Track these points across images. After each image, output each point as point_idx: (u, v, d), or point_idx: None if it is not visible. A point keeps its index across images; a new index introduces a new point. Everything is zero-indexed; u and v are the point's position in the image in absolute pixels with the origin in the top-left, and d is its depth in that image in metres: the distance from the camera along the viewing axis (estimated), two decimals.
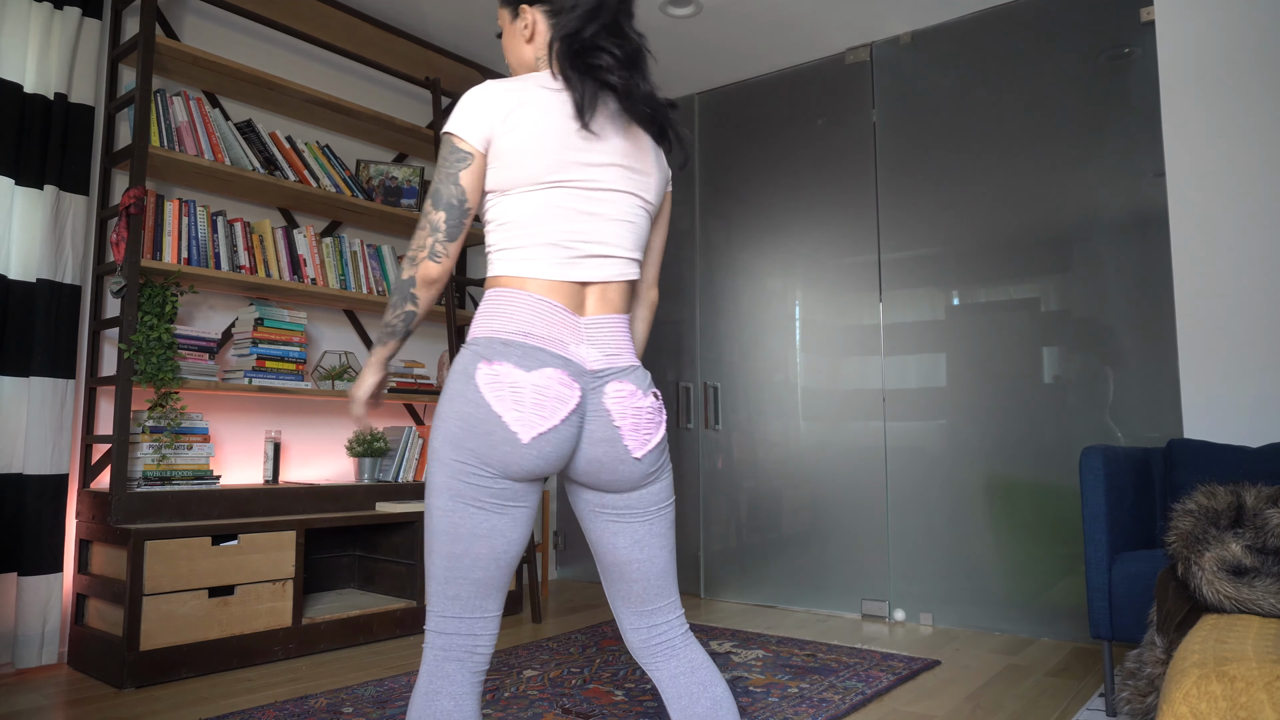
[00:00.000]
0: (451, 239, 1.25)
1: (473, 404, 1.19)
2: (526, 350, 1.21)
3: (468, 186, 1.25)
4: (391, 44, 3.67)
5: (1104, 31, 3.23)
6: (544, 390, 1.20)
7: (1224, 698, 1.11)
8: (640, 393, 1.29)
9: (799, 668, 2.69)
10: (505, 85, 1.27)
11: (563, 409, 1.21)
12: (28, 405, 2.68)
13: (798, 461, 3.87)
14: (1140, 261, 3.10)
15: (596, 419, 1.26)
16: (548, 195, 1.26)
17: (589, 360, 1.26)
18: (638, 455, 1.28)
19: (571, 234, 1.27)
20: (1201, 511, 1.87)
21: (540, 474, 1.23)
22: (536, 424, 1.19)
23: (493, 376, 1.19)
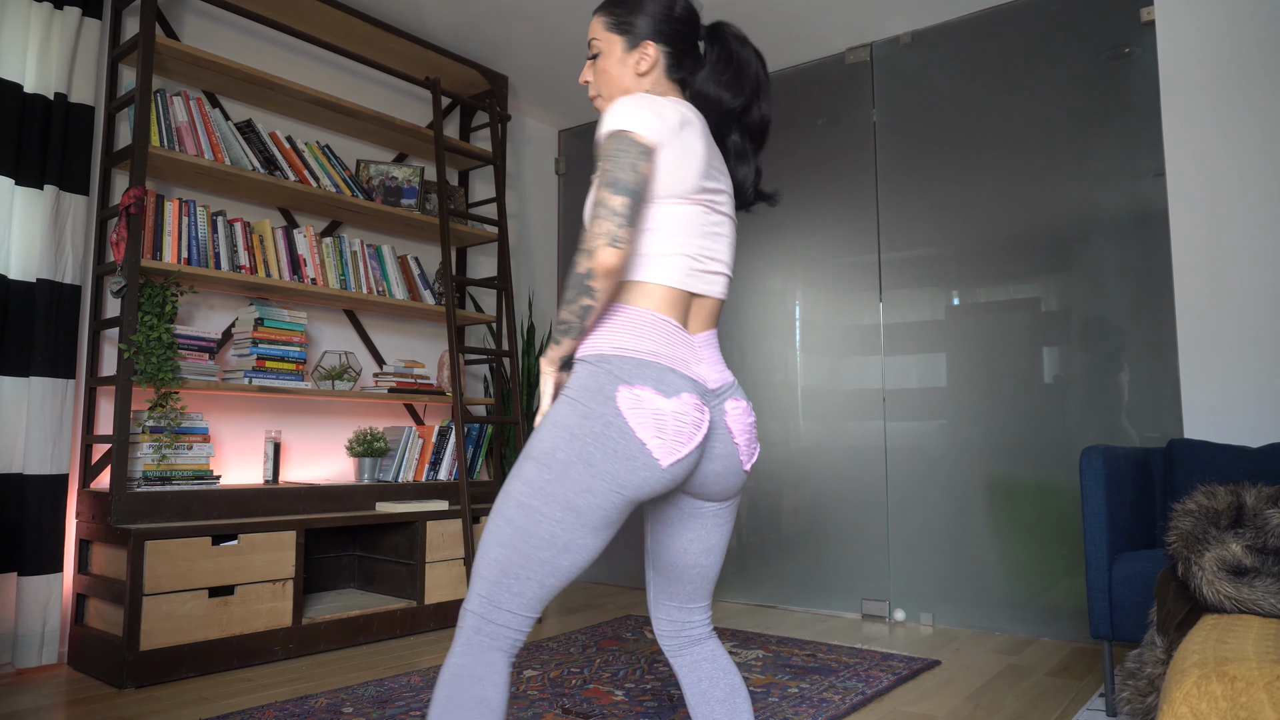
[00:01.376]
0: (632, 224, 1.22)
1: (615, 428, 1.20)
2: (661, 372, 1.24)
3: (647, 177, 1.24)
4: (391, 44, 3.67)
5: (1104, 31, 3.23)
6: (683, 417, 1.23)
7: (1224, 698, 1.11)
8: (749, 408, 1.37)
9: (799, 668, 2.69)
10: (670, 101, 1.30)
11: (698, 435, 1.25)
12: (28, 405, 2.68)
13: (798, 461, 3.87)
14: (1140, 261, 3.10)
15: (719, 436, 1.32)
16: (690, 210, 1.32)
17: (709, 379, 1.32)
18: (747, 468, 1.37)
19: (701, 248, 1.34)
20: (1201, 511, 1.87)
21: (664, 493, 1.30)
22: (677, 450, 1.23)
23: (635, 401, 1.21)
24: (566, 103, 4.60)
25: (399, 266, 3.73)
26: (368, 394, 3.39)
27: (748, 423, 1.36)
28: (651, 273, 1.29)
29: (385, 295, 3.57)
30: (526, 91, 4.44)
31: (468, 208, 4.16)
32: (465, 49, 3.95)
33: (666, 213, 1.30)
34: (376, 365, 3.79)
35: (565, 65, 4.11)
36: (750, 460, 1.38)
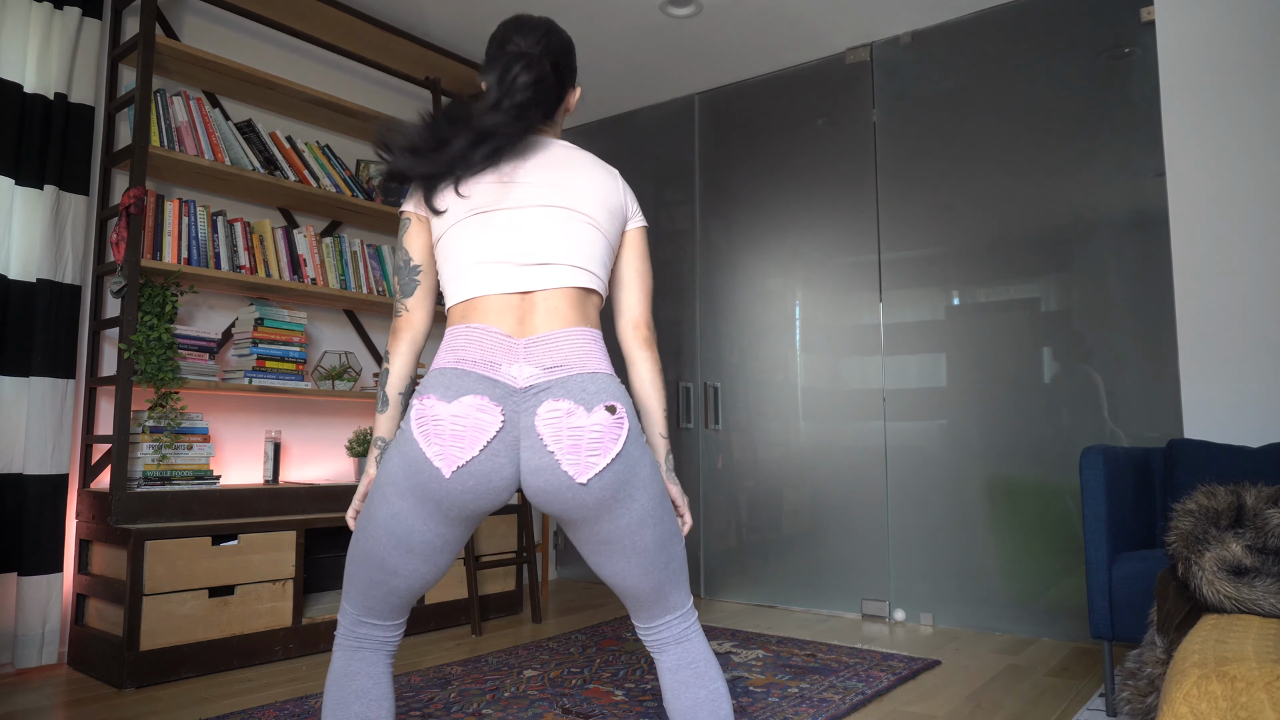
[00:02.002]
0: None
1: (407, 441, 1.23)
2: (454, 376, 1.23)
3: (409, 245, 1.39)
4: (391, 44, 3.67)
5: (1104, 31, 3.23)
6: (461, 419, 1.19)
7: (1224, 698, 1.11)
8: (582, 409, 1.20)
9: (799, 668, 2.69)
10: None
11: (481, 437, 1.19)
12: (28, 405, 2.68)
13: (798, 461, 3.87)
14: (1140, 261, 3.10)
15: (531, 445, 1.21)
16: (469, 225, 1.33)
17: (519, 379, 1.22)
18: (581, 481, 1.20)
19: (506, 253, 1.30)
20: (1201, 511, 1.87)
21: (474, 509, 1.23)
22: (455, 457, 1.19)
23: (421, 411, 1.22)
24: None
25: None
26: (368, 394, 3.39)
27: (569, 425, 1.19)
28: (453, 293, 1.33)
29: (385, 295, 3.57)
30: None
31: None
32: (465, 49, 3.95)
33: (454, 237, 1.34)
34: (376, 365, 3.79)
35: None
36: (587, 472, 1.19)
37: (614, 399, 1.24)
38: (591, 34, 3.79)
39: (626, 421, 1.23)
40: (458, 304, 1.32)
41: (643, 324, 1.45)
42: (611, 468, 1.21)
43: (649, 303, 1.47)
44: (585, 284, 1.33)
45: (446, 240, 1.35)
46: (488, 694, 2.39)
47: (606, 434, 1.21)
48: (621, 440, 1.22)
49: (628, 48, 3.91)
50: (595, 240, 1.36)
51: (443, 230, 1.35)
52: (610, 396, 1.24)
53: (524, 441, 1.21)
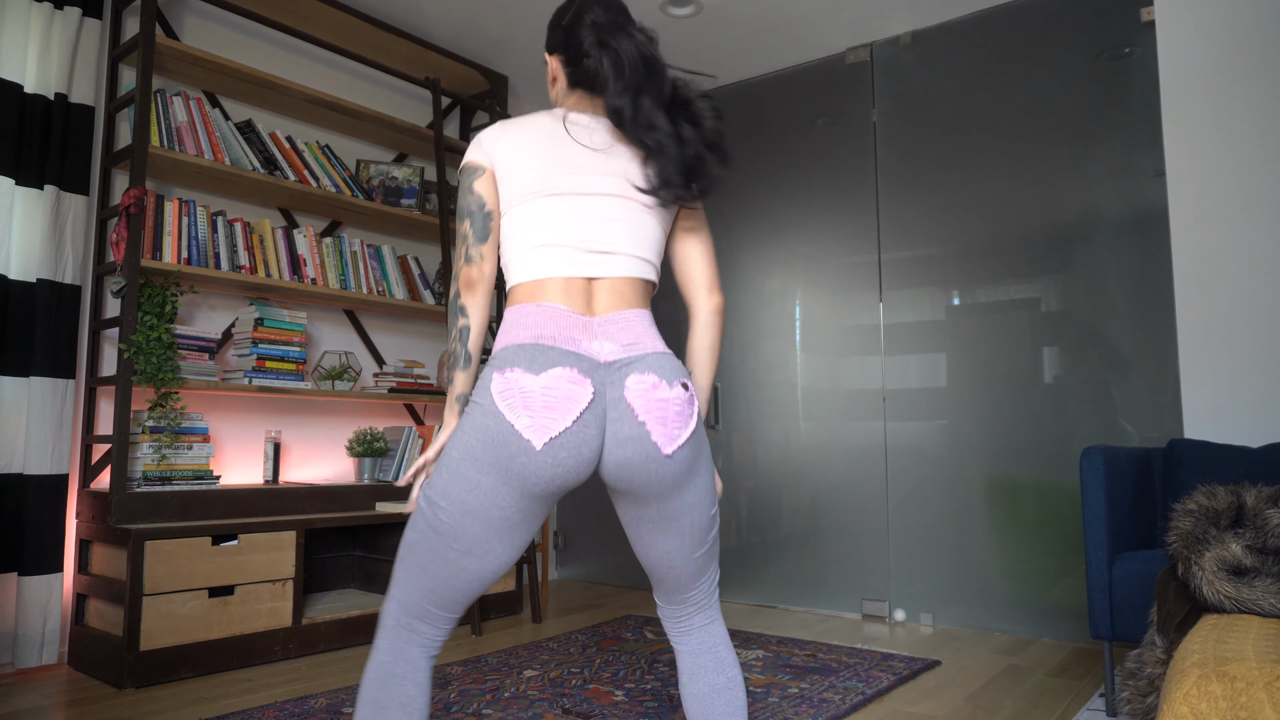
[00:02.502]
0: (482, 240, 1.34)
1: (490, 414, 1.20)
2: (537, 350, 1.22)
3: (484, 195, 1.35)
4: (391, 44, 3.67)
5: (1104, 31, 3.23)
6: (553, 391, 1.18)
7: (1224, 698, 1.11)
8: (665, 383, 1.24)
9: (799, 668, 2.69)
10: (517, 121, 1.38)
11: (574, 408, 1.18)
12: (28, 405, 2.68)
13: (798, 461, 3.87)
14: (1140, 261, 3.10)
15: (620, 417, 1.22)
16: (545, 204, 1.32)
17: (603, 353, 1.24)
18: (668, 452, 1.23)
19: (576, 238, 1.31)
20: (1202, 511, 1.87)
21: (559, 485, 1.21)
22: (549, 427, 1.17)
23: (505, 384, 1.19)
24: None
25: (399, 266, 3.73)
26: (368, 394, 3.39)
27: (660, 399, 1.23)
28: (516, 272, 1.32)
29: (385, 295, 3.57)
30: (526, 91, 4.44)
31: None
32: (465, 49, 3.95)
33: (520, 216, 1.33)
34: (376, 365, 3.79)
35: None
36: (673, 443, 1.24)
37: (683, 376, 1.29)
38: None
39: (696, 401, 1.29)
40: (523, 283, 1.31)
41: (715, 288, 1.48)
42: (690, 441, 1.26)
43: (715, 264, 1.50)
44: (645, 274, 1.37)
45: (513, 215, 1.34)
46: (488, 694, 2.39)
47: (685, 408, 1.26)
48: (695, 416, 1.28)
49: None
50: (654, 229, 1.39)
51: (510, 202, 1.34)
52: (681, 375, 1.29)
53: (612, 413, 1.22)
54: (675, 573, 1.36)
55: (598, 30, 1.36)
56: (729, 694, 1.37)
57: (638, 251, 1.35)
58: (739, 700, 1.38)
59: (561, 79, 1.45)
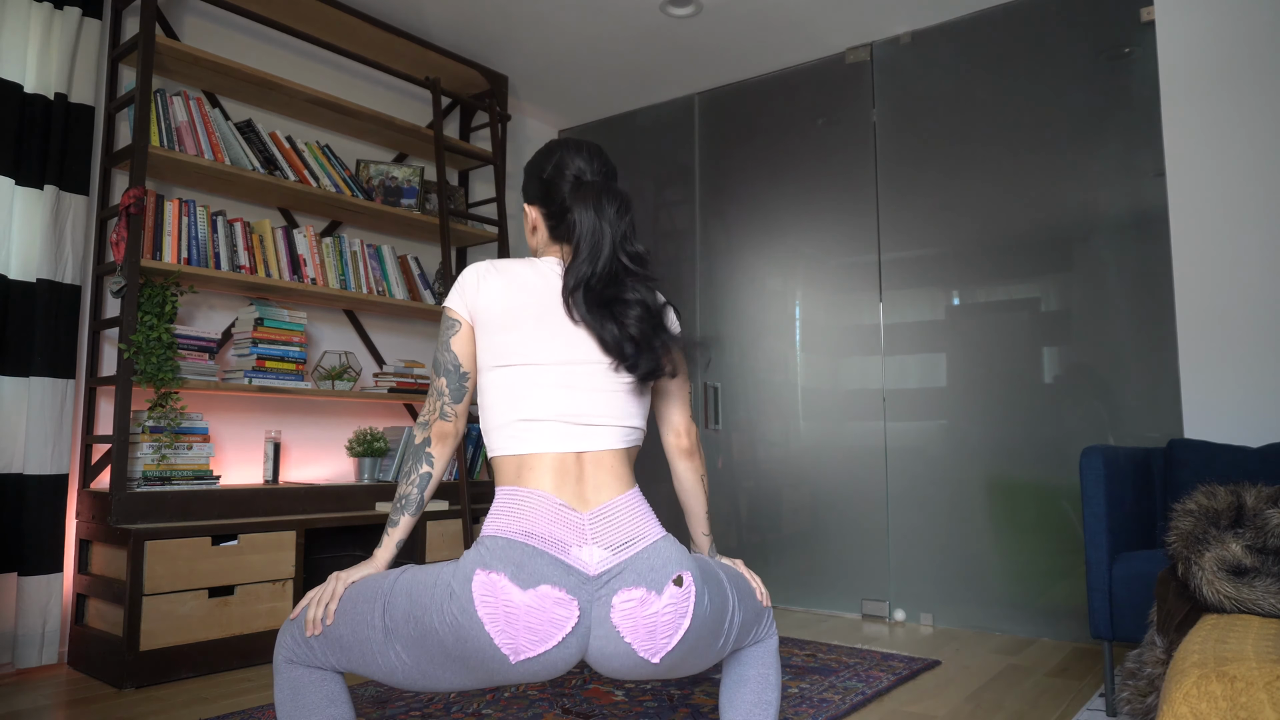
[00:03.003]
0: (457, 400, 1.34)
1: (465, 615, 1.14)
2: (524, 555, 1.16)
3: (460, 352, 1.34)
4: (391, 44, 3.67)
5: (1104, 31, 3.23)
6: (537, 614, 1.14)
7: (1224, 698, 1.11)
8: (654, 595, 1.18)
9: (799, 668, 2.69)
10: (502, 265, 1.36)
11: (558, 634, 1.14)
12: (28, 405, 2.68)
13: (798, 461, 3.87)
14: (1140, 261, 3.10)
15: (605, 635, 1.18)
16: (528, 372, 1.28)
17: (591, 565, 1.19)
18: (655, 662, 1.20)
19: (560, 410, 1.27)
20: (1201, 511, 1.87)
21: (526, 681, 1.21)
22: (526, 649, 1.14)
23: (488, 589, 1.13)
24: (566, 102, 4.60)
25: (399, 266, 3.73)
26: (368, 394, 3.39)
27: (644, 615, 1.17)
28: (500, 444, 1.29)
29: (385, 295, 3.57)
30: (526, 91, 4.44)
31: (468, 208, 4.16)
32: (465, 49, 3.95)
33: (501, 381, 1.29)
34: (376, 365, 3.79)
35: (565, 65, 4.12)
36: (662, 652, 1.18)
37: (679, 567, 1.22)
38: (591, 34, 3.79)
39: (694, 588, 1.21)
40: (508, 457, 1.28)
41: (684, 433, 1.46)
42: (684, 642, 1.21)
43: (689, 410, 1.48)
44: (632, 442, 1.34)
45: (493, 378, 1.30)
46: (487, 694, 2.39)
47: (677, 612, 1.19)
48: (690, 612, 1.20)
49: (628, 48, 3.91)
50: (641, 392, 1.35)
51: (489, 362, 1.31)
52: (676, 565, 1.21)
53: (596, 630, 1.18)
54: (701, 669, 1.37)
55: (580, 191, 1.33)
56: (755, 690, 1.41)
57: (624, 420, 1.32)
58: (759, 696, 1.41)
59: (542, 230, 1.42)
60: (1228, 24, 2.77)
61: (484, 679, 1.20)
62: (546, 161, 1.41)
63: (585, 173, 1.37)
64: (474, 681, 1.22)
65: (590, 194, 1.32)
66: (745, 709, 1.40)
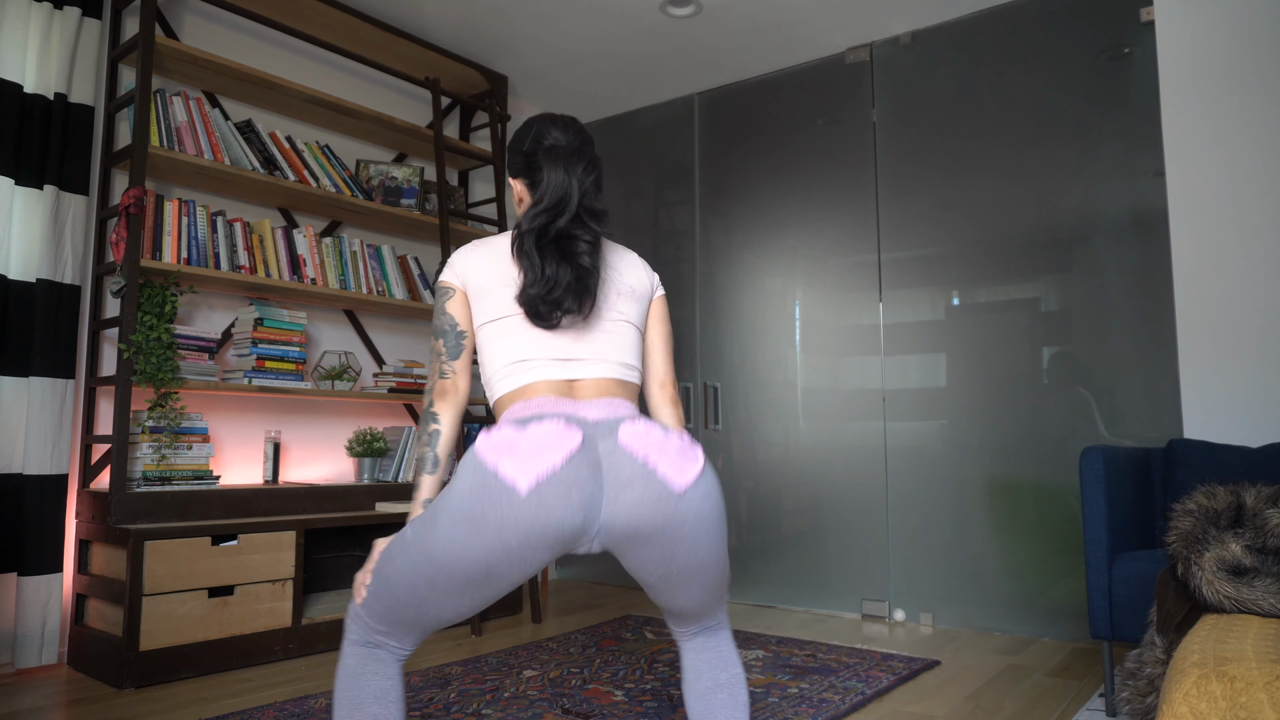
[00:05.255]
0: (455, 357, 1.42)
1: (472, 468, 1.16)
2: (527, 417, 1.22)
3: (456, 316, 1.43)
4: (391, 44, 3.67)
5: (1104, 31, 3.23)
6: (540, 436, 1.16)
7: (1224, 698, 1.11)
8: (659, 428, 1.23)
9: (799, 668, 2.69)
10: (483, 242, 1.47)
11: (563, 449, 1.15)
12: (28, 405, 2.68)
13: (798, 461, 3.87)
14: (1140, 261, 3.10)
15: (618, 463, 1.18)
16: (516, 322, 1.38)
17: (591, 415, 1.27)
18: (680, 487, 1.19)
19: (550, 350, 1.36)
20: (1201, 511, 1.87)
21: (542, 543, 1.15)
22: (534, 467, 1.13)
23: (490, 438, 1.18)
24: (566, 103, 4.60)
25: (399, 266, 3.73)
26: (368, 394, 3.39)
27: (654, 438, 1.20)
28: (499, 387, 1.38)
29: (385, 295, 3.57)
30: (526, 91, 4.44)
31: (468, 208, 4.16)
32: (465, 49, 3.95)
33: (495, 333, 1.39)
34: (376, 365, 3.79)
35: (565, 65, 4.12)
36: (684, 476, 1.20)
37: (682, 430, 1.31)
38: (591, 34, 3.79)
39: (699, 448, 1.27)
40: (508, 394, 1.37)
41: (669, 383, 1.55)
42: (703, 477, 1.23)
43: (672, 362, 1.57)
44: (625, 377, 1.41)
45: (487, 332, 1.40)
46: (487, 694, 2.39)
47: (689, 448, 1.24)
48: (703, 460, 1.25)
49: (628, 48, 3.91)
50: (631, 335, 1.45)
51: (483, 320, 1.41)
52: (678, 429, 1.31)
53: (608, 462, 1.18)
54: (692, 611, 1.39)
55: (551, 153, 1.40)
56: (731, 689, 1.40)
57: (615, 357, 1.40)
58: (741, 696, 1.41)
59: (527, 201, 1.50)
60: (1228, 24, 2.77)
61: (498, 544, 1.14)
62: (525, 135, 1.48)
63: (560, 140, 1.43)
64: (499, 553, 1.15)
65: (561, 155, 1.39)
66: (725, 713, 1.40)
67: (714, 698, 1.40)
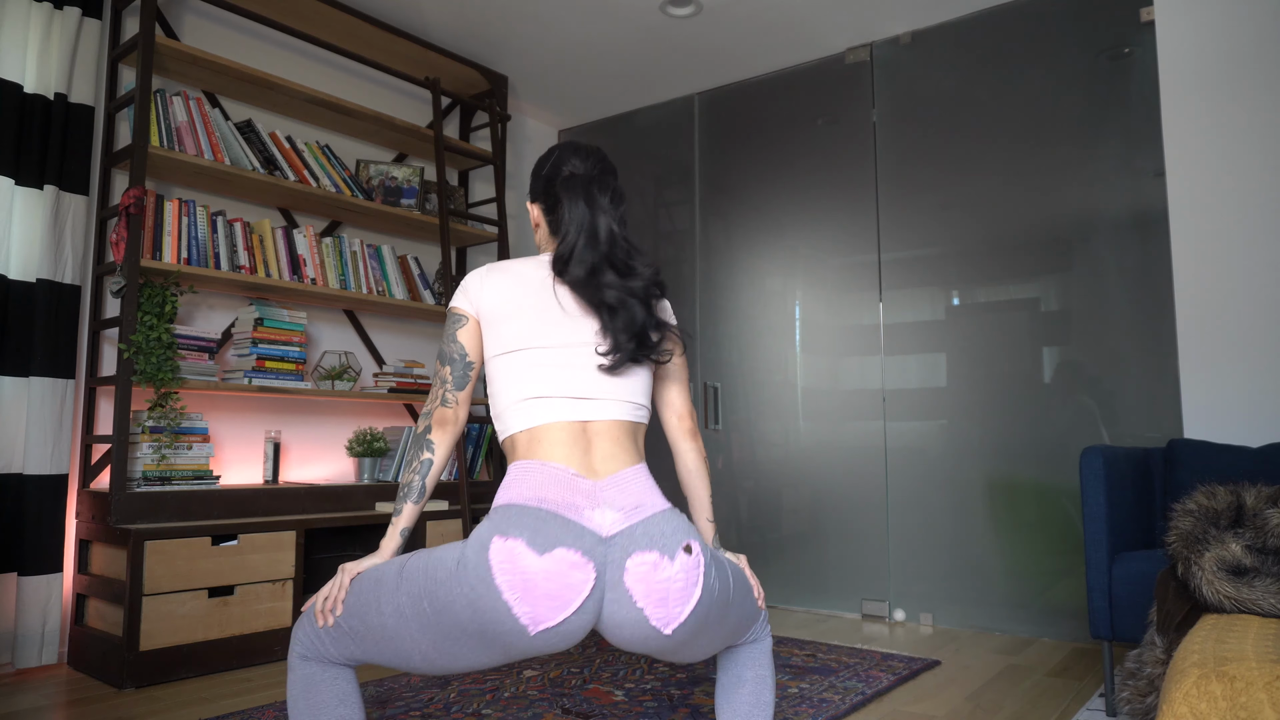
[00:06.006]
0: (460, 387, 1.39)
1: (483, 584, 1.14)
2: (540, 520, 1.18)
3: (466, 344, 1.40)
4: (391, 44, 3.67)
5: (1104, 31, 3.23)
6: (555, 578, 1.14)
7: (1224, 698, 1.11)
8: (666, 559, 1.19)
9: (799, 668, 2.69)
10: (501, 266, 1.44)
11: (576, 598, 1.15)
12: (28, 405, 2.68)
13: (798, 461, 3.87)
14: (1140, 261, 3.10)
15: (618, 599, 1.18)
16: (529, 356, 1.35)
17: (605, 526, 1.22)
18: (667, 632, 1.20)
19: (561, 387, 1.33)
20: (1201, 511, 1.87)
21: (540, 653, 1.22)
22: (545, 618, 1.14)
23: (505, 556, 1.14)
24: (566, 102, 4.60)
25: (399, 266, 3.73)
26: (368, 394, 3.39)
27: (658, 580, 1.17)
28: (511, 423, 1.34)
29: (385, 295, 3.57)
30: (526, 91, 4.44)
31: (468, 208, 4.16)
32: (465, 49, 3.95)
33: (508, 367, 1.35)
34: (376, 365, 3.79)
35: (565, 65, 4.11)
36: (673, 623, 1.18)
37: (687, 536, 1.24)
38: (591, 34, 3.79)
39: (702, 559, 1.22)
40: (518, 433, 1.33)
41: (686, 415, 1.53)
42: (694, 613, 1.21)
43: (689, 394, 1.55)
44: (636, 417, 1.39)
45: (500, 364, 1.37)
46: (487, 694, 2.39)
47: (688, 580, 1.20)
48: (700, 583, 1.21)
49: (628, 48, 3.91)
50: (642, 373, 1.41)
51: (495, 351, 1.38)
52: (685, 534, 1.23)
53: (610, 594, 1.19)
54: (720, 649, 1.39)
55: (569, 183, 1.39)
56: (755, 686, 1.44)
57: (627, 396, 1.37)
58: (765, 696, 1.44)
59: (544, 226, 1.48)
60: (1228, 24, 2.77)
61: (501, 654, 1.20)
62: (546, 161, 1.47)
63: (579, 169, 1.42)
64: (490, 657, 1.22)
65: (579, 185, 1.38)
66: (744, 710, 1.41)
67: (736, 693, 1.42)
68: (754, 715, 1.41)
